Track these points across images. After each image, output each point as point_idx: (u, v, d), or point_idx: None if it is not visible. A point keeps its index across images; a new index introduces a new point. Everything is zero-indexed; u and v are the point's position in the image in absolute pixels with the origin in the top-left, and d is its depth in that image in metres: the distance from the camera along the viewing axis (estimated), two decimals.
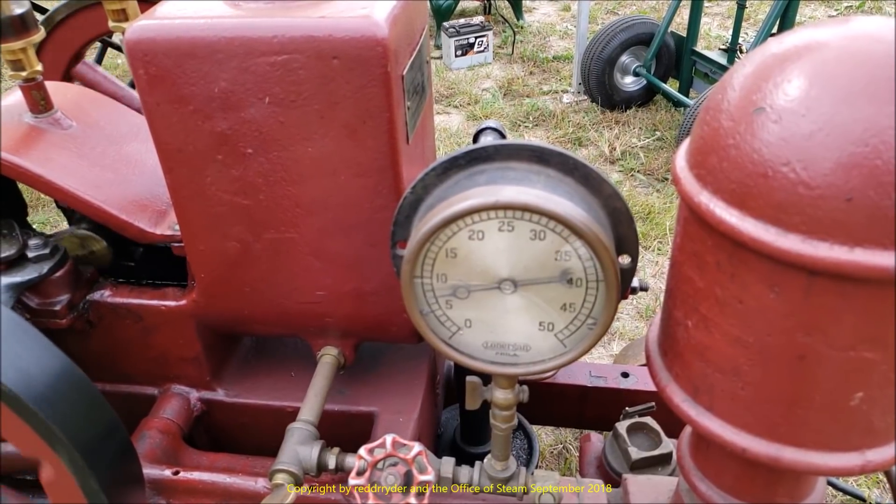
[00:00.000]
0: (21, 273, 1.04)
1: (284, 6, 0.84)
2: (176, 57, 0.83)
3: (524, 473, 0.93)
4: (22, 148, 1.03)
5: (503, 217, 0.68)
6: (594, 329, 0.74)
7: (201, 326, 1.14)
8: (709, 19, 4.91)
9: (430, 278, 0.74)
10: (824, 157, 0.52)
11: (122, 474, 0.86)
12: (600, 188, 0.72)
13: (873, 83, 0.51)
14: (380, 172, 0.90)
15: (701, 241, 0.64)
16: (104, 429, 0.82)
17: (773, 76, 0.56)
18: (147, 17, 0.85)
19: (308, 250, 0.99)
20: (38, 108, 1.07)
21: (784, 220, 0.54)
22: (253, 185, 0.92)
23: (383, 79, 0.81)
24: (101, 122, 1.16)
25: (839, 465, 0.65)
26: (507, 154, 0.72)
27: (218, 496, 1.10)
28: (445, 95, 4.09)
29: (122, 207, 1.07)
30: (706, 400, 0.70)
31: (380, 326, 1.09)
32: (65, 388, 0.77)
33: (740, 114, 0.57)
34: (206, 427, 1.26)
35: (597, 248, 0.67)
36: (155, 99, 0.87)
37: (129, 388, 1.23)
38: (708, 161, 0.60)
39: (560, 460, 2.02)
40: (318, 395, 1.03)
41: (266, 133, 0.87)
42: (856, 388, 0.61)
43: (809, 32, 0.58)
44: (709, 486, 0.83)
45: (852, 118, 0.51)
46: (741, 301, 0.61)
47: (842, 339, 0.58)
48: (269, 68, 0.82)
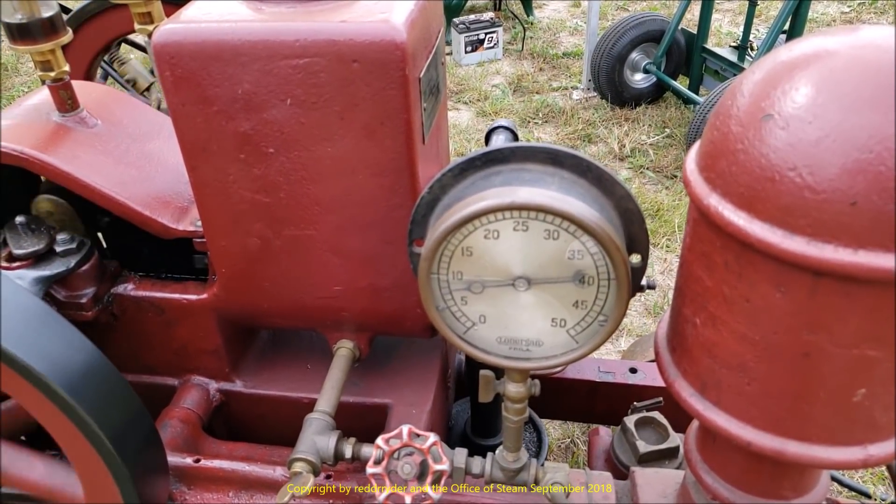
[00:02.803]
0: (49, 267, 1.07)
1: (306, 10, 0.86)
2: (201, 59, 0.85)
3: (535, 465, 0.96)
4: (50, 146, 1.06)
5: (518, 217, 0.71)
6: (605, 326, 0.76)
7: (221, 319, 1.17)
8: (720, 16, 4.89)
9: (447, 275, 0.77)
10: (830, 163, 0.54)
11: (148, 460, 0.89)
12: (613, 189, 0.74)
13: (878, 92, 0.53)
14: (396, 172, 0.93)
15: (710, 242, 0.66)
16: (132, 416, 0.85)
17: (781, 84, 0.58)
18: (173, 20, 0.88)
19: (326, 247, 1.02)
20: (65, 106, 1.11)
21: (790, 222, 0.57)
22: (274, 183, 0.95)
23: (401, 81, 0.84)
24: (125, 121, 1.19)
25: (842, 459, 0.67)
26: (523, 156, 0.75)
27: (237, 484, 1.14)
28: (455, 91, 4.11)
29: (146, 204, 1.10)
30: (713, 395, 0.72)
31: (394, 321, 1.11)
32: (94, 377, 0.80)
33: (749, 119, 0.60)
34: (225, 417, 1.30)
35: (608, 248, 0.69)
36: (180, 99, 0.90)
37: (151, 378, 1.27)
38: (717, 165, 0.63)
39: (567, 454, 2.05)
40: (334, 386, 1.06)
41: (287, 133, 0.90)
42: (859, 385, 0.63)
43: (817, 41, 0.60)
44: (715, 479, 0.85)
45: (857, 125, 0.53)
46: (748, 300, 0.63)
47: (846, 338, 0.60)
48: (291, 71, 0.84)
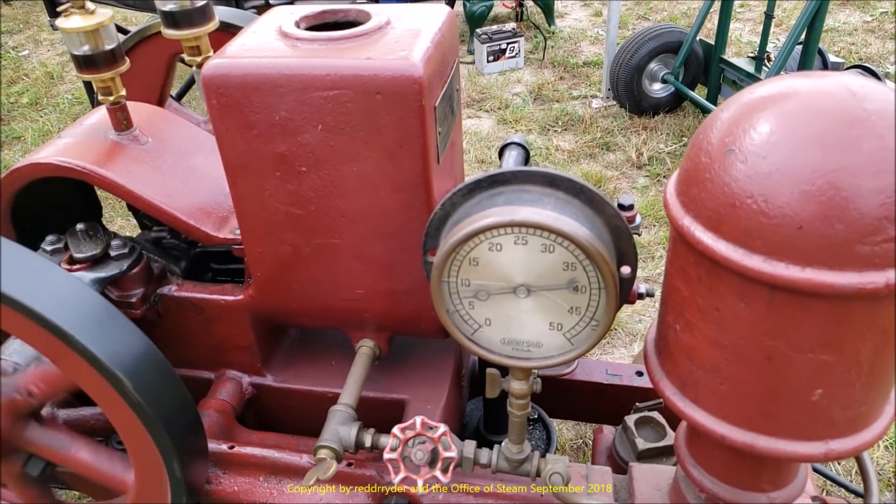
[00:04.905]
0: (105, 269, 1.20)
1: (336, 47, 0.97)
2: (244, 90, 0.97)
3: (537, 456, 1.06)
4: (108, 161, 1.19)
5: (518, 233, 0.81)
6: (597, 329, 0.86)
7: (255, 319, 1.29)
8: (740, 24, 4.91)
9: (456, 282, 0.87)
10: (780, 193, 0.63)
11: (192, 444, 1.01)
12: (603, 209, 0.84)
13: (823, 134, 0.62)
14: (414, 189, 1.03)
15: (685, 258, 0.75)
16: (180, 403, 0.97)
17: (742, 122, 0.67)
18: (219, 55, 1.00)
19: (350, 254, 1.13)
20: (121, 126, 1.24)
21: (749, 243, 0.66)
22: (305, 197, 1.07)
23: (419, 111, 0.94)
24: (171, 138, 1.32)
25: (805, 453, 0.76)
26: (524, 179, 0.85)
27: (267, 469, 1.25)
28: (477, 100, 4.21)
29: (190, 213, 1.22)
30: (692, 393, 0.81)
31: (411, 322, 1.22)
32: (150, 368, 0.92)
33: (716, 153, 0.69)
34: (256, 409, 1.41)
35: (597, 261, 0.79)
36: (225, 124, 1.01)
37: (190, 372, 1.39)
38: (690, 190, 0.72)
39: (579, 454, 2.13)
40: (356, 382, 1.17)
41: (318, 154, 1.01)
42: (816, 386, 0.71)
43: (778, 85, 0.69)
44: (700, 472, 0.94)
45: (803, 162, 0.62)
46: (718, 309, 0.72)
47: (802, 343, 0.69)
48: (323, 101, 0.96)
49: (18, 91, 4.62)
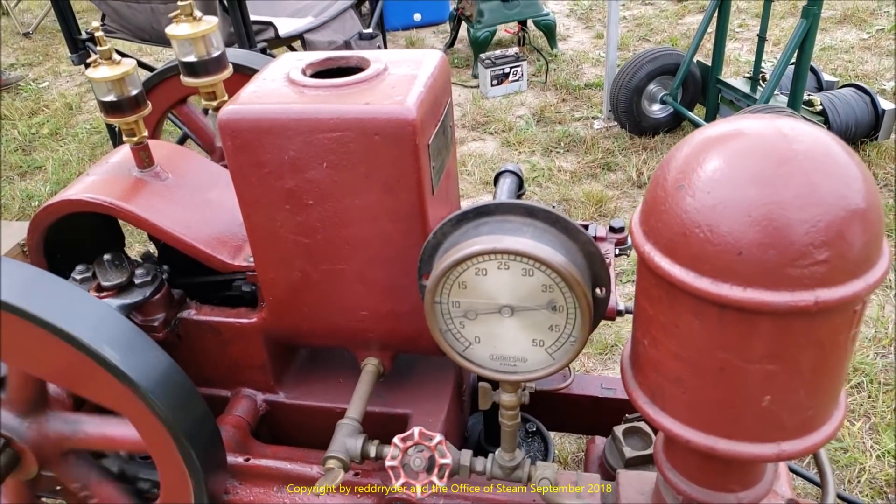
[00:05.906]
0: (130, 296, 1.31)
1: (338, 93, 1.08)
2: (256, 133, 1.08)
3: (528, 463, 1.14)
4: (132, 197, 1.31)
5: (501, 259, 0.90)
6: (575, 345, 0.95)
7: (268, 340, 1.39)
8: (738, 44, 5.02)
9: (447, 303, 0.96)
10: (722, 224, 0.72)
11: (213, 456, 1.10)
12: (577, 237, 0.93)
13: (758, 172, 0.71)
14: (411, 218, 1.13)
15: (648, 280, 0.84)
16: (201, 419, 1.07)
17: (692, 161, 0.77)
18: (234, 101, 1.11)
19: (355, 279, 1.23)
20: (144, 164, 1.35)
21: (699, 267, 0.75)
22: (313, 227, 1.17)
23: (413, 149, 1.05)
24: (189, 174, 1.43)
25: (760, 453, 0.84)
26: (505, 210, 0.94)
27: (280, 480, 1.34)
28: (481, 123, 4.33)
29: (207, 243, 1.33)
30: (660, 402, 0.90)
31: (412, 341, 1.31)
32: (174, 386, 1.02)
33: (670, 187, 0.78)
34: (269, 424, 1.51)
35: (570, 283, 0.88)
36: (239, 163, 1.13)
37: (208, 390, 1.49)
38: (650, 220, 0.81)
39: (581, 466, 2.19)
40: (362, 397, 1.26)
41: (324, 189, 1.12)
42: (765, 393, 0.80)
43: (725, 127, 0.78)
44: (676, 476, 1.01)
45: (741, 197, 0.71)
46: (677, 326, 0.81)
47: (749, 355, 0.77)
48: (327, 141, 1.06)
49: (39, 122, 4.81)
